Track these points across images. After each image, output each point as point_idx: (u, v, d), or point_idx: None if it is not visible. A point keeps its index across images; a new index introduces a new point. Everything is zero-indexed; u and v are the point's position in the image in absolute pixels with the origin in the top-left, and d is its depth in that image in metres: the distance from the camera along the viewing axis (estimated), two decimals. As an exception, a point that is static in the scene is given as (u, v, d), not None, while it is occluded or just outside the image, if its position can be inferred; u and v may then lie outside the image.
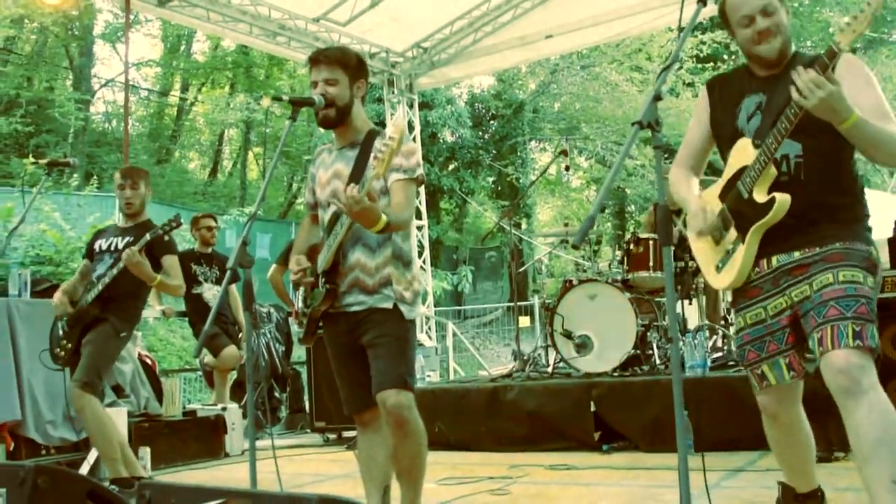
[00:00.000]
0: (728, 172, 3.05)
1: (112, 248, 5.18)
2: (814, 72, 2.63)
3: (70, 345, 5.02)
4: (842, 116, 2.68)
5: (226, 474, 6.22)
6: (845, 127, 2.70)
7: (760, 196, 2.89)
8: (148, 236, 4.87)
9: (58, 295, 5.19)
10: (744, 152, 2.97)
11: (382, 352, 3.41)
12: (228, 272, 3.26)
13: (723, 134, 3.14)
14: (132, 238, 5.05)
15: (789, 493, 3.26)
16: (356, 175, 3.43)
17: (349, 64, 3.52)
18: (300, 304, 3.63)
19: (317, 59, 3.50)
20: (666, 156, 2.62)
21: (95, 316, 4.98)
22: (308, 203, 3.78)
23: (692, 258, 6.79)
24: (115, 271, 4.90)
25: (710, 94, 3.22)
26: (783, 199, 2.84)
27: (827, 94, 2.62)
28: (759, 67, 3.05)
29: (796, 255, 2.91)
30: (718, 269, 3.10)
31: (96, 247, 5.31)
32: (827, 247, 2.86)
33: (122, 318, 5.05)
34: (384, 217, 3.22)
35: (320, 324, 3.58)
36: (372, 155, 3.32)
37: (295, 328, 9.07)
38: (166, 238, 5.02)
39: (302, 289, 3.61)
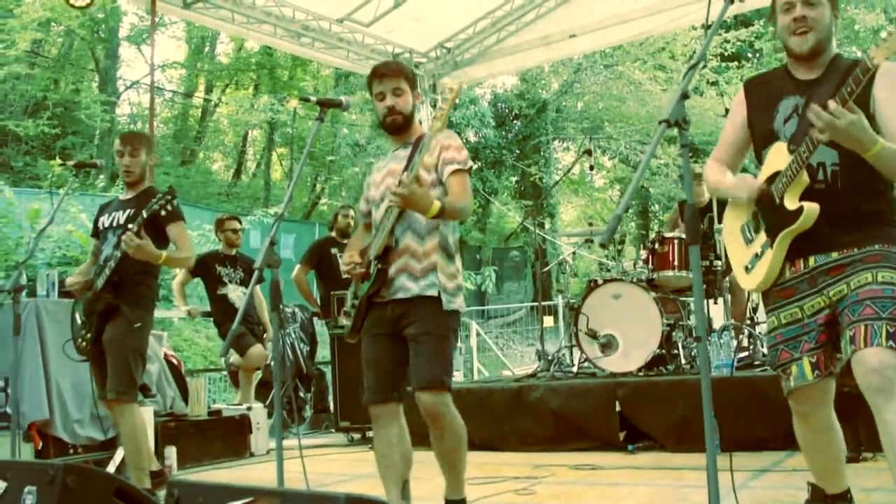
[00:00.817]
0: (763, 174, 3.05)
1: (115, 224, 5.07)
2: (834, 104, 2.65)
3: (90, 335, 4.95)
4: (865, 147, 2.70)
5: (251, 474, 6.26)
6: (869, 156, 2.72)
7: (791, 203, 2.90)
8: (144, 213, 4.71)
9: (71, 278, 5.19)
10: (779, 156, 2.98)
11: (423, 350, 3.57)
12: (256, 272, 3.28)
13: (758, 134, 3.15)
14: (133, 211, 4.95)
15: (819, 494, 3.24)
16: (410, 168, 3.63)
17: (409, 75, 3.80)
18: (350, 301, 3.80)
19: (382, 73, 3.74)
20: (690, 154, 2.61)
21: (109, 303, 4.87)
22: (362, 212, 4.00)
23: (717, 258, 6.78)
24: (118, 253, 4.78)
25: (748, 94, 3.22)
26: (811, 208, 2.85)
27: (846, 124, 2.64)
28: (796, 66, 3.07)
29: (834, 255, 2.91)
30: (747, 270, 3.13)
31: (100, 224, 5.21)
32: (866, 248, 2.86)
33: (135, 305, 4.94)
34: (437, 202, 3.43)
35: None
36: (431, 115, 3.51)
37: (319, 328, 9.13)
38: (169, 207, 4.80)
39: (352, 286, 3.80)
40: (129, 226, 4.74)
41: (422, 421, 3.61)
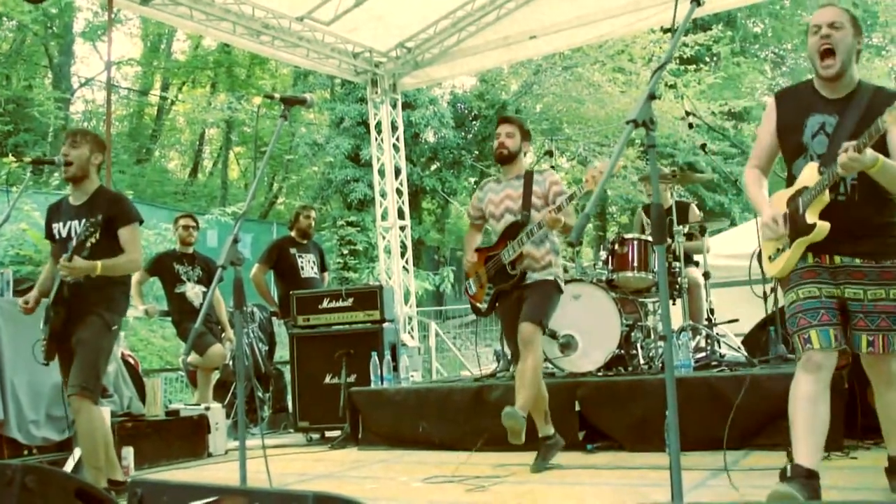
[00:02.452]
0: (797, 184, 3.64)
1: (71, 234, 5.00)
2: (853, 152, 3.20)
3: (45, 339, 4.86)
4: (868, 167, 3.27)
5: (211, 474, 6.19)
6: (873, 171, 3.30)
7: (811, 217, 3.53)
8: (89, 237, 4.68)
9: (32, 294, 5.11)
10: (810, 173, 3.58)
11: (531, 300, 5.19)
12: (219, 270, 3.24)
13: (788, 146, 3.73)
14: (91, 220, 4.83)
15: (798, 469, 3.40)
16: (526, 195, 5.31)
17: (523, 128, 5.55)
18: (474, 288, 5.54)
19: (504, 120, 5.68)
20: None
21: (62, 319, 4.81)
22: (473, 217, 5.71)
23: (676, 259, 6.84)
24: (70, 280, 4.73)
25: (779, 106, 3.79)
26: (823, 226, 3.48)
27: (860, 166, 3.25)
28: (822, 84, 3.62)
29: (857, 261, 3.55)
30: (771, 259, 3.77)
31: (55, 231, 5.13)
32: (882, 263, 3.53)
33: (112, 309, 4.91)
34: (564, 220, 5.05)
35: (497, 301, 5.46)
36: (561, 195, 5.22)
37: (277, 328, 9.08)
38: (123, 209, 4.93)
39: (473, 279, 5.54)
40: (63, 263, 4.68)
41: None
